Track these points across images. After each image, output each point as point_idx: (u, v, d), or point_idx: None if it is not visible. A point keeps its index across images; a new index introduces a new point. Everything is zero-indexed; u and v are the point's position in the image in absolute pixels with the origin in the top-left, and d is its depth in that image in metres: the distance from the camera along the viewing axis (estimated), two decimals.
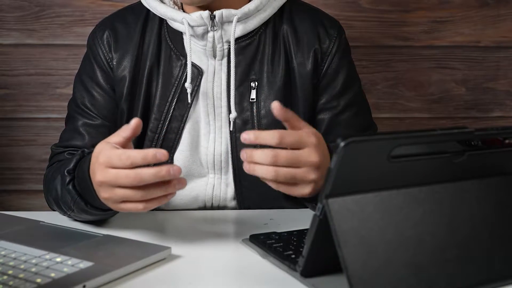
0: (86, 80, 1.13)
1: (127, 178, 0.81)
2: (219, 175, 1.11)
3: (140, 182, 0.81)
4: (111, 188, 0.84)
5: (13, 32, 1.56)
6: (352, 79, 1.16)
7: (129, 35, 1.12)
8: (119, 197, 0.84)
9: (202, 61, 1.09)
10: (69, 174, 0.97)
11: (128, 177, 0.81)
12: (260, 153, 0.80)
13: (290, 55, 1.11)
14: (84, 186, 0.93)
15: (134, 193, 0.83)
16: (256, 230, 0.93)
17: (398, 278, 0.68)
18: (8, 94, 1.58)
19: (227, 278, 0.81)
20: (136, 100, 1.11)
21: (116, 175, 0.82)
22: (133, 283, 0.79)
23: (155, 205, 0.85)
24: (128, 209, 0.85)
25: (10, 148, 1.61)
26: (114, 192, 0.84)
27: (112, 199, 0.85)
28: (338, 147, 0.66)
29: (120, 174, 0.82)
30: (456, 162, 0.74)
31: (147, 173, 0.81)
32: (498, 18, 1.62)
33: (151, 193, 0.83)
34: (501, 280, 0.74)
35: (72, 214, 1.00)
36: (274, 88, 1.09)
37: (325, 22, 1.15)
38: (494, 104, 1.67)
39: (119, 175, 0.82)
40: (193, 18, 1.06)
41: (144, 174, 0.81)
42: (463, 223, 0.74)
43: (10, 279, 0.75)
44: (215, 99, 1.09)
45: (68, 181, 0.96)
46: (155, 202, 0.84)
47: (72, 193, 0.96)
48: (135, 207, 0.85)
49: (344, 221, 0.68)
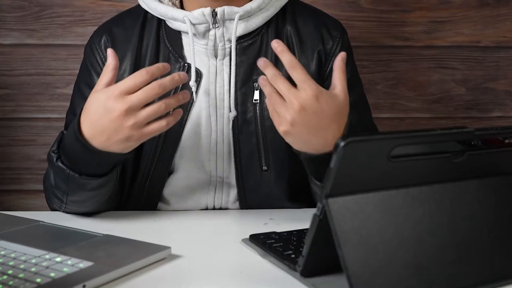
0: (84, 89, 1.12)
1: (153, 90, 0.89)
2: (221, 176, 1.10)
3: (164, 89, 0.90)
4: (134, 113, 0.89)
5: (13, 32, 1.56)
6: (355, 80, 1.15)
7: (127, 38, 1.11)
8: (144, 117, 0.90)
9: (203, 61, 1.09)
10: (55, 153, 0.99)
11: (154, 89, 0.89)
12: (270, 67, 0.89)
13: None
14: (74, 154, 0.95)
15: (158, 106, 0.90)
16: (256, 230, 0.93)
17: (398, 278, 0.68)
18: (8, 94, 1.58)
19: (227, 278, 0.81)
20: None
21: (143, 93, 0.89)
22: (133, 283, 0.79)
23: (174, 120, 0.93)
24: (152, 131, 0.92)
25: (10, 148, 1.61)
26: (139, 115, 0.90)
27: (138, 123, 0.90)
28: (338, 147, 0.66)
29: (147, 90, 0.89)
30: (456, 162, 0.74)
31: (165, 79, 0.90)
32: (498, 18, 1.62)
33: (170, 102, 0.91)
34: (501, 280, 0.74)
35: (69, 199, 1.01)
36: None
37: (328, 24, 1.15)
38: (494, 104, 1.67)
39: (146, 91, 0.89)
40: (195, 16, 1.05)
41: (163, 81, 0.90)
42: (463, 223, 0.74)
43: (10, 279, 0.75)
44: (217, 100, 1.09)
45: (56, 159, 0.98)
46: (174, 115, 0.93)
47: (63, 169, 0.97)
48: (159, 125, 0.92)
49: (344, 221, 0.68)
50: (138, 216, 1.05)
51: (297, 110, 0.87)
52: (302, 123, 0.88)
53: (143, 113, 0.90)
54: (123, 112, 0.89)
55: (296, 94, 0.88)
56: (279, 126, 0.90)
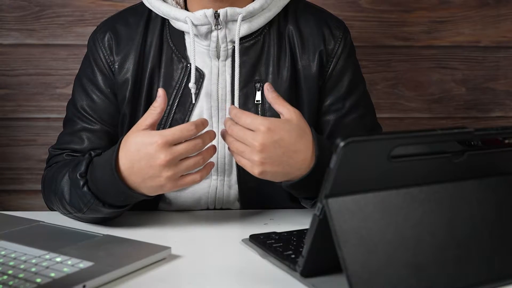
0: (86, 84, 1.12)
1: (196, 146, 0.91)
2: (222, 177, 1.10)
3: (204, 146, 0.92)
4: (175, 165, 0.90)
5: (13, 32, 1.56)
6: (357, 80, 1.15)
7: (131, 37, 1.11)
8: (183, 170, 0.91)
9: (205, 62, 1.08)
10: (82, 178, 0.97)
11: (197, 144, 0.91)
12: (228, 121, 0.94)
13: (295, 56, 1.10)
14: (104, 187, 0.94)
15: (197, 160, 0.92)
16: (256, 230, 0.93)
17: (398, 278, 0.68)
18: (8, 94, 1.58)
19: (227, 278, 0.81)
20: (139, 104, 1.10)
21: (187, 147, 0.90)
22: (133, 283, 0.79)
23: (207, 173, 0.95)
24: (186, 184, 0.93)
25: (10, 148, 1.61)
26: (178, 168, 0.91)
27: (175, 175, 0.91)
28: (337, 147, 0.66)
29: (192, 145, 0.91)
30: (456, 162, 0.74)
31: (205, 136, 0.93)
32: (498, 18, 1.62)
33: (206, 157, 0.93)
34: (501, 280, 0.74)
35: (79, 214, 1.00)
36: (280, 90, 1.07)
37: (330, 23, 1.14)
38: (494, 104, 1.67)
39: (191, 146, 0.91)
40: (197, 17, 1.05)
41: (204, 137, 0.92)
42: (463, 223, 0.74)
43: (10, 279, 0.75)
44: (219, 101, 1.08)
45: (82, 184, 0.97)
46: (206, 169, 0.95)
47: (88, 195, 0.96)
48: (192, 179, 0.93)
49: (344, 221, 0.68)
50: (138, 216, 1.05)
51: (259, 150, 0.89)
52: (270, 159, 0.90)
53: (183, 166, 0.91)
54: (165, 163, 0.89)
55: (252, 136, 0.90)
56: (251, 170, 0.92)
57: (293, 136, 0.91)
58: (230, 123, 0.93)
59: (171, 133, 0.90)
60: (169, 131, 0.90)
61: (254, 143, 0.89)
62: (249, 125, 0.91)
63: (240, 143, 0.92)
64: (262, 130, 0.89)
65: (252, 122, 0.90)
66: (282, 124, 0.91)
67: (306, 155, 0.92)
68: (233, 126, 0.92)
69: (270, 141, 0.89)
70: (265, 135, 0.89)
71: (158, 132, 0.90)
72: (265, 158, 0.90)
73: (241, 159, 0.92)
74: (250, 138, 0.90)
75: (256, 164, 0.90)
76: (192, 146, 0.91)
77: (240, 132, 0.91)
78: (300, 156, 0.91)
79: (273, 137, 0.89)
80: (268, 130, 0.89)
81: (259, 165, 0.90)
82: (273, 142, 0.89)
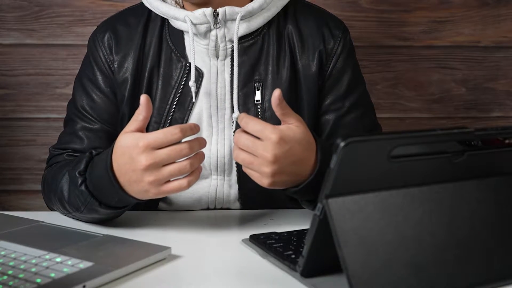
0: (86, 83, 1.13)
1: (181, 151, 0.86)
2: (222, 176, 1.10)
3: (192, 152, 0.87)
4: (157, 170, 0.87)
5: (13, 32, 1.56)
6: (357, 80, 1.15)
7: (131, 37, 1.11)
8: (166, 176, 0.87)
9: (204, 61, 1.09)
10: (81, 176, 0.97)
11: (182, 150, 0.86)
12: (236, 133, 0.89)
13: (295, 56, 1.10)
14: (100, 186, 0.94)
15: (183, 166, 0.87)
16: (256, 230, 0.93)
17: (398, 278, 0.68)
18: (8, 94, 1.58)
19: (227, 278, 0.81)
20: (138, 103, 1.09)
21: (170, 152, 0.86)
22: (133, 283, 0.79)
23: (195, 179, 0.89)
24: (172, 190, 0.88)
25: (10, 148, 1.61)
26: (161, 173, 0.87)
27: (158, 181, 0.87)
28: (338, 147, 0.66)
29: (175, 150, 0.86)
30: (456, 162, 0.74)
31: (194, 142, 0.88)
32: (498, 18, 1.62)
33: (194, 162, 0.88)
34: (501, 280, 0.74)
35: (77, 214, 1.00)
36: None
37: (330, 23, 1.14)
38: (494, 104, 1.67)
39: (175, 151, 0.86)
40: (196, 16, 1.05)
41: (192, 144, 0.87)
42: (463, 223, 0.74)
43: (10, 279, 0.75)
44: (219, 100, 1.08)
45: (80, 183, 0.96)
46: (194, 175, 0.89)
47: (85, 194, 0.96)
48: (179, 184, 0.88)
49: (344, 221, 0.68)
50: (138, 216, 1.05)
51: (272, 161, 0.86)
52: (280, 169, 0.87)
53: (166, 172, 0.87)
54: (145, 167, 0.86)
55: (263, 147, 0.86)
56: (260, 181, 0.88)
57: (302, 145, 0.89)
58: (237, 134, 0.89)
59: (154, 136, 0.86)
60: (152, 134, 0.87)
61: (266, 155, 0.86)
62: (257, 133, 0.87)
63: (247, 154, 0.88)
64: (274, 140, 0.86)
65: (262, 130, 0.87)
66: (291, 132, 0.88)
67: (312, 161, 0.91)
68: (239, 135, 0.89)
69: (282, 151, 0.86)
70: (277, 145, 0.86)
71: (142, 135, 0.87)
72: (277, 169, 0.87)
73: (249, 171, 0.89)
74: (260, 149, 0.86)
75: (266, 176, 0.87)
76: (177, 151, 0.86)
77: (247, 141, 0.88)
78: (307, 163, 0.91)
79: (284, 148, 0.87)
80: (280, 140, 0.86)
81: (269, 177, 0.87)
82: (284, 152, 0.87)
